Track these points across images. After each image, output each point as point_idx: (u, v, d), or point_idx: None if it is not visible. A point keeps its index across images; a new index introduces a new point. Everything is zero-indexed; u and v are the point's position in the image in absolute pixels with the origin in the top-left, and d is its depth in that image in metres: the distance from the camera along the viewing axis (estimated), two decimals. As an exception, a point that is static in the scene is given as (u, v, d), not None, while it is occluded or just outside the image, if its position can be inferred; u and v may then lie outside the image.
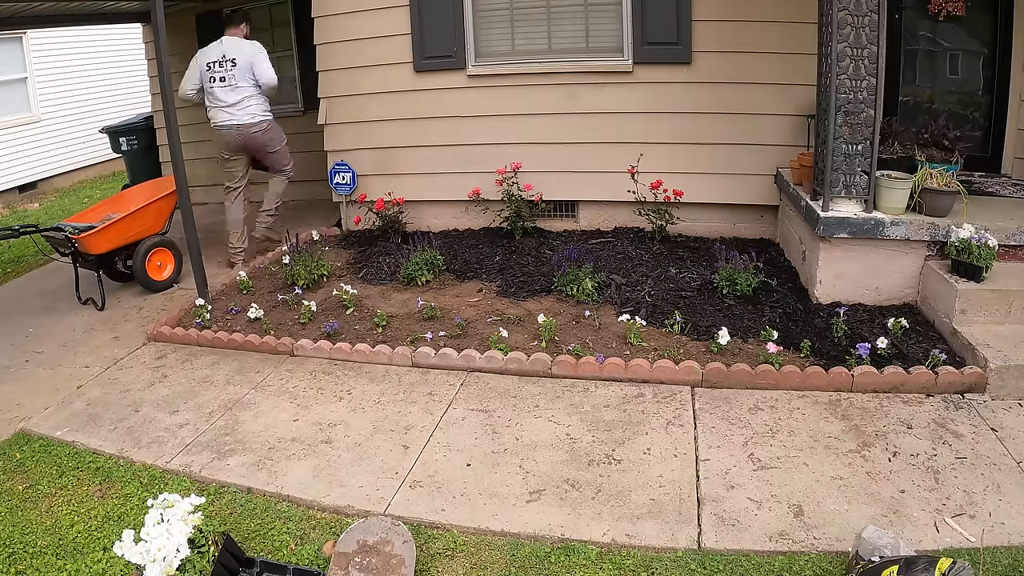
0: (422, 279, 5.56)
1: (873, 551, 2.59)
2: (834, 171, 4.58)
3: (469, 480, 3.38)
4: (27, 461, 3.82)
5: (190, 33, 9.09)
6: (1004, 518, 2.90)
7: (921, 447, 3.40)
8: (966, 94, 5.85)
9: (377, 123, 6.71)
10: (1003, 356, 3.80)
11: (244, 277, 5.87)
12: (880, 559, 2.53)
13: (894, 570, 2.40)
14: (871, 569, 2.50)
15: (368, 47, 6.52)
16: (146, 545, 2.57)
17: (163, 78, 5.10)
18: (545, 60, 6.24)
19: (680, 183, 5.94)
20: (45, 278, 7.01)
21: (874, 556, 2.57)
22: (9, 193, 11.60)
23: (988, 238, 4.15)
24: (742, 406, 3.84)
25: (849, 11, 4.34)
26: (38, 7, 7.11)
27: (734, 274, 4.92)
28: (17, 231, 5.58)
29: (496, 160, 6.35)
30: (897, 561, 2.44)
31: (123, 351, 5.07)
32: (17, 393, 4.58)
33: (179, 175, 5.30)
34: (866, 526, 2.73)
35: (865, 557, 2.59)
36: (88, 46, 12.95)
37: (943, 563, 2.34)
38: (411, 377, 4.40)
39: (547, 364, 4.28)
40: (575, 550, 2.91)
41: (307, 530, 3.16)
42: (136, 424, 4.08)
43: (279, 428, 3.94)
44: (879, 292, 4.68)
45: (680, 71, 5.92)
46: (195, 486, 3.49)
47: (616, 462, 3.44)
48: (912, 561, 2.42)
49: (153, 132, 9.58)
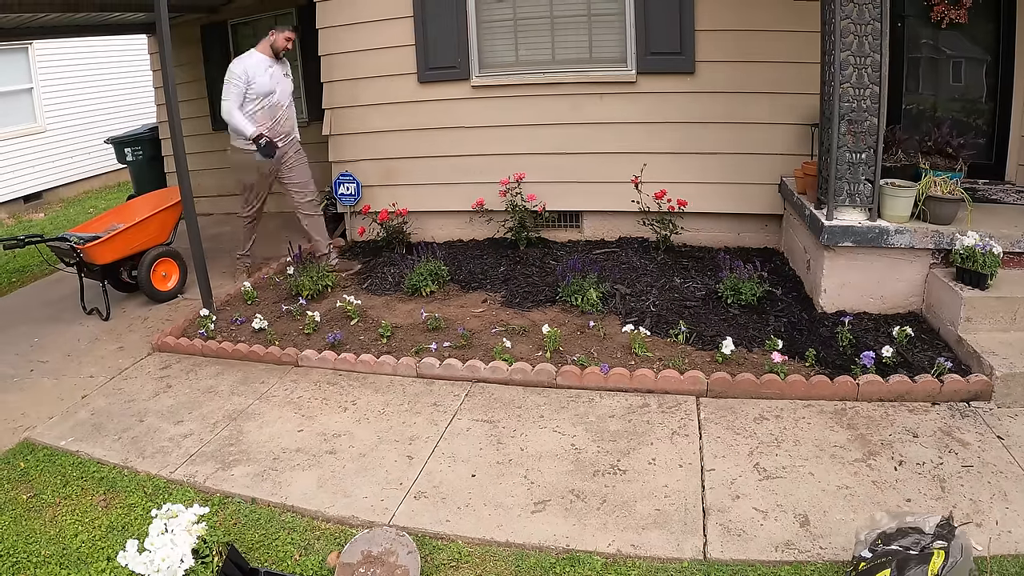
0: (426, 290, 5.56)
1: (870, 536, 2.58)
2: (838, 180, 4.58)
3: (474, 490, 3.37)
4: (31, 470, 3.83)
5: (195, 44, 9.15)
6: (1011, 526, 2.88)
7: (927, 455, 3.38)
8: (969, 101, 5.85)
9: (381, 134, 6.73)
10: (1009, 364, 3.78)
11: (248, 287, 5.88)
12: (871, 553, 2.52)
13: (886, 573, 2.39)
14: (864, 571, 2.49)
15: (372, 58, 6.55)
16: (150, 555, 2.56)
17: (168, 89, 5.13)
18: (549, 71, 6.26)
19: (684, 193, 5.94)
20: (50, 288, 7.03)
21: (865, 552, 2.55)
22: (14, 203, 11.65)
23: (993, 245, 4.14)
24: (747, 416, 3.83)
25: (852, 20, 4.35)
26: (44, 18, 7.16)
27: (738, 283, 4.91)
28: (22, 241, 5.61)
29: (500, 170, 6.36)
30: (889, 564, 2.42)
31: (128, 361, 5.08)
32: (22, 402, 4.59)
33: (184, 186, 5.33)
34: (860, 527, 2.72)
35: (857, 555, 2.58)
36: (93, 57, 13.04)
37: (935, 562, 2.32)
38: (416, 388, 4.39)
39: (552, 374, 4.27)
40: (580, 561, 2.90)
41: (311, 541, 3.15)
42: (140, 434, 4.08)
43: (283, 438, 3.93)
44: (884, 300, 4.67)
45: (683, 81, 5.94)
46: (199, 496, 3.49)
47: (621, 472, 3.43)
48: (904, 562, 2.40)
49: (158, 143, 9.63)
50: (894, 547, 2.51)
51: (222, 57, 9.12)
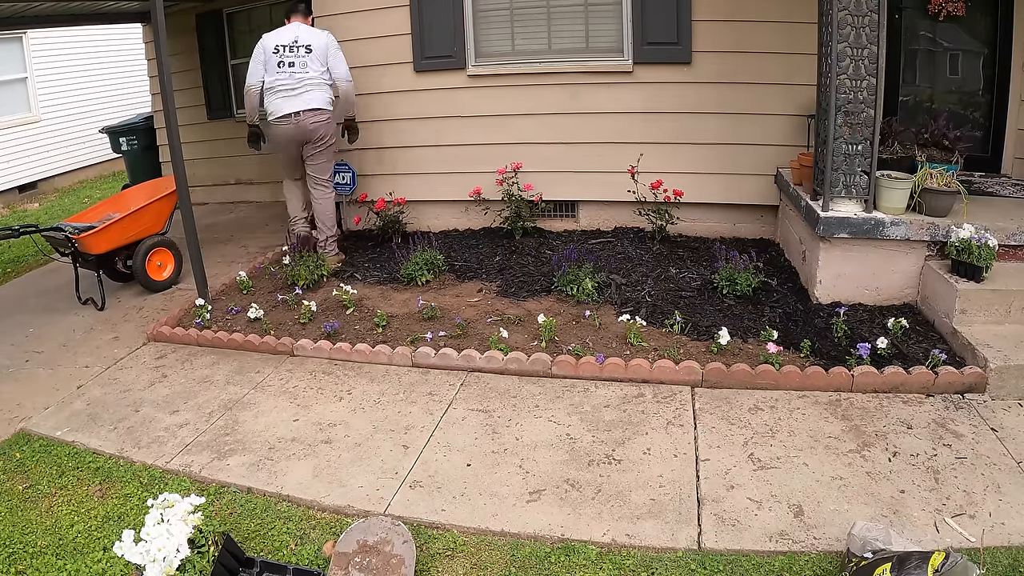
0: (422, 279, 5.56)
1: (864, 545, 2.58)
2: (834, 171, 4.58)
3: (469, 480, 3.38)
4: (27, 461, 3.83)
5: (190, 33, 9.10)
6: (1004, 518, 2.90)
7: (921, 447, 3.40)
8: (966, 94, 5.85)
9: (377, 123, 6.71)
10: (1003, 356, 3.79)
11: (244, 277, 5.87)
12: (872, 554, 2.53)
13: (887, 568, 2.39)
14: (864, 568, 2.50)
15: (369, 47, 6.52)
16: (146, 545, 2.57)
17: (163, 78, 5.10)
18: (545, 60, 6.24)
19: (680, 183, 5.94)
20: (45, 278, 7.01)
21: (866, 552, 2.56)
22: (9, 193, 11.60)
23: (988, 238, 4.15)
24: (742, 406, 3.84)
25: (849, 11, 4.34)
26: (38, 7, 7.12)
27: (734, 274, 4.92)
28: (17, 231, 5.58)
29: (496, 160, 6.35)
30: (890, 558, 2.43)
31: (123, 351, 5.07)
32: (17, 393, 4.58)
33: (179, 175, 5.30)
34: (855, 522, 2.73)
35: (857, 553, 2.59)
36: (88, 46, 12.95)
37: (936, 558, 2.33)
38: (411, 377, 4.40)
39: (547, 364, 4.27)
40: (575, 550, 2.91)
41: (307, 530, 3.16)
42: (136, 424, 4.08)
43: (279, 428, 3.93)
44: (879, 292, 4.68)
45: (680, 71, 5.92)
46: (195, 486, 3.49)
47: (616, 462, 3.44)
48: (904, 558, 2.41)
49: (153, 132, 9.60)
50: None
51: (217, 46, 9.10)
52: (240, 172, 9.44)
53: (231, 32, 9.07)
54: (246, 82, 5.90)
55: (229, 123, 9.28)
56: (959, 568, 2.27)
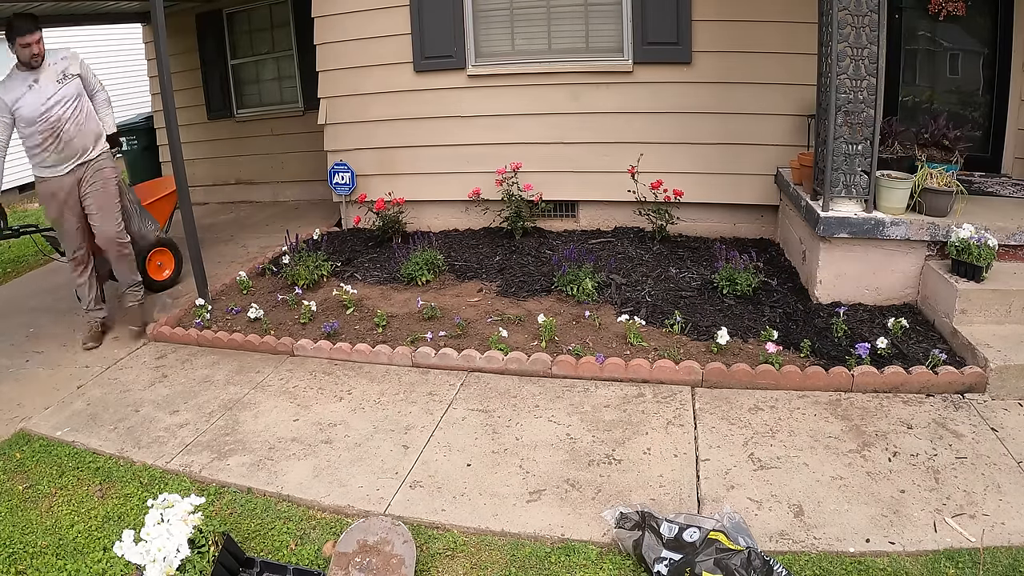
0: (422, 279, 5.56)
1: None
2: (834, 171, 4.58)
3: (469, 480, 3.38)
4: (27, 461, 3.82)
5: (190, 33, 9.12)
6: (1004, 518, 2.90)
7: (921, 447, 3.40)
8: (966, 94, 5.85)
9: (377, 123, 6.71)
10: (1003, 356, 3.79)
11: (244, 277, 5.87)
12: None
13: None
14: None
15: (368, 47, 6.52)
16: (146, 545, 2.56)
17: (163, 78, 5.10)
18: (545, 60, 6.24)
19: (680, 183, 5.94)
20: (45, 278, 7.02)
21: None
22: (9, 193, 11.58)
23: (988, 238, 4.15)
24: (742, 406, 3.84)
25: (849, 11, 4.34)
26: (38, 7, 7.11)
27: (734, 274, 4.92)
28: (17, 231, 5.58)
29: (496, 160, 6.35)
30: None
31: (123, 351, 5.07)
32: (17, 393, 4.58)
33: (179, 175, 5.30)
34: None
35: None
36: (88, 46, 12.84)
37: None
38: (411, 377, 4.40)
39: (547, 364, 4.27)
40: (575, 550, 2.91)
41: (307, 530, 3.16)
42: (136, 424, 4.08)
43: (279, 428, 3.93)
44: (879, 292, 4.68)
45: (680, 71, 5.93)
46: (195, 486, 3.49)
47: (616, 462, 3.44)
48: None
49: (153, 132, 9.61)
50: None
51: (217, 46, 9.11)
52: (240, 172, 9.46)
53: (231, 32, 9.08)
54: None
55: (229, 123, 9.30)
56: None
